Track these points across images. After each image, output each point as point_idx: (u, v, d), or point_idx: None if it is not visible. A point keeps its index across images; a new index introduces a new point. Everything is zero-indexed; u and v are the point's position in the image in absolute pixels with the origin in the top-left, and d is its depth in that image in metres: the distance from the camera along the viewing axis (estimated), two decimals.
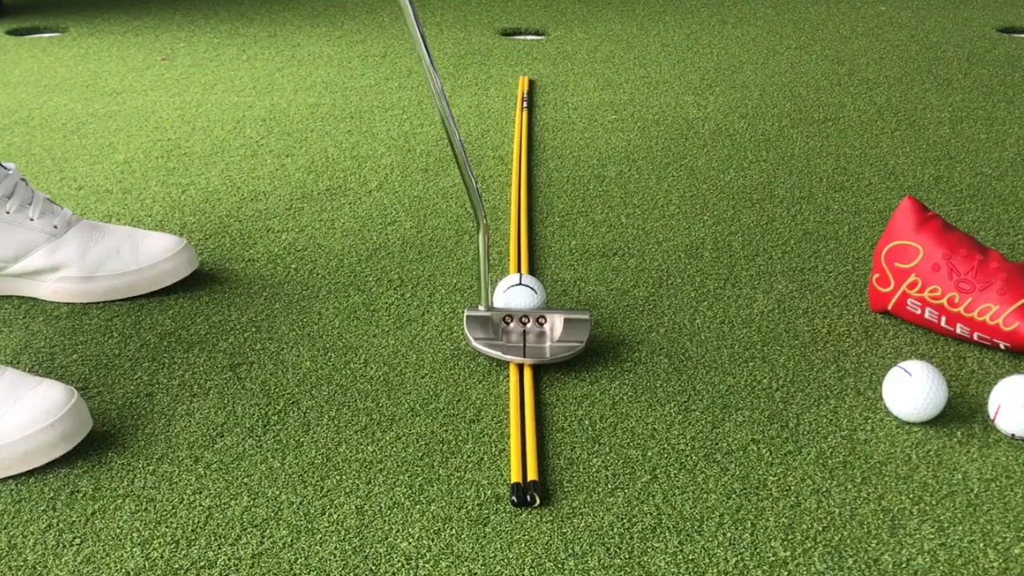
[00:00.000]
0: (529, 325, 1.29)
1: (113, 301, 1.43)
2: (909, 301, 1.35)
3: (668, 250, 1.58)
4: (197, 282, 1.48)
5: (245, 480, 1.09)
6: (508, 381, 1.24)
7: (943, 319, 1.33)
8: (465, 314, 1.30)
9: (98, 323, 1.38)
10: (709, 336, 1.35)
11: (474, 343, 1.27)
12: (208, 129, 2.08)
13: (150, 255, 1.43)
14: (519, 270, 1.50)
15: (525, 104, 2.20)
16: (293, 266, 1.53)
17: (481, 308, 1.30)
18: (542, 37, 2.83)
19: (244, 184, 1.81)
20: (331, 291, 1.46)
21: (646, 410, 1.20)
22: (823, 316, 1.40)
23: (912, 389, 1.16)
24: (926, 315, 1.34)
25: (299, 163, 1.91)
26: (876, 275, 1.38)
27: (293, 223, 1.67)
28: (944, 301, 1.32)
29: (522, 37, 2.84)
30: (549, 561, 0.98)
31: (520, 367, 1.26)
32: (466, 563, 0.98)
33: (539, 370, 1.27)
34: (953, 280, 1.31)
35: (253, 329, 1.37)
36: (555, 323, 1.29)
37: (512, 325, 1.30)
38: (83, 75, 2.43)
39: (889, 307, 1.38)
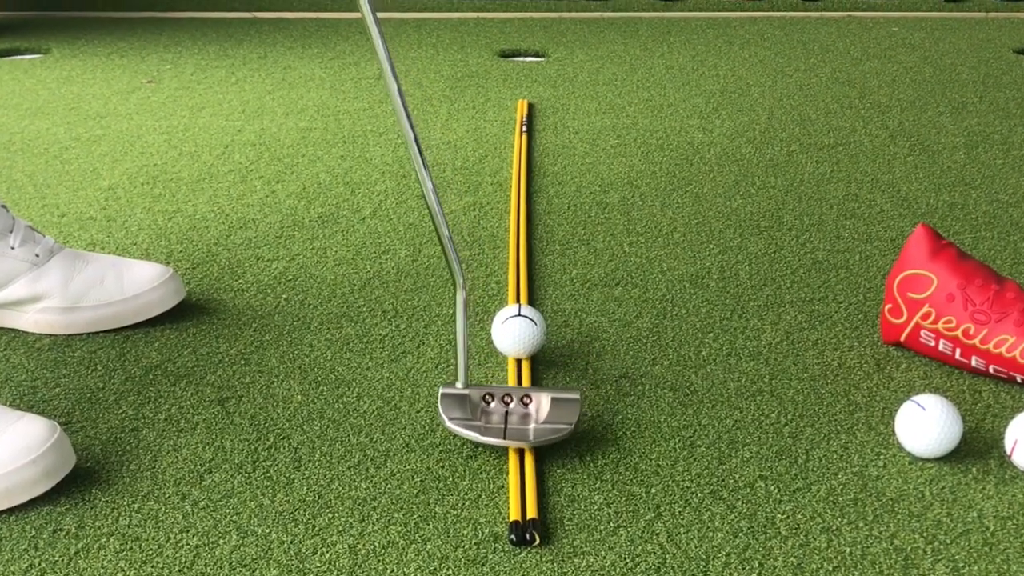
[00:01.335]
0: (512, 405, 1.22)
1: (97, 332, 1.44)
2: (922, 332, 1.36)
3: (672, 279, 1.60)
4: (184, 313, 1.49)
5: (234, 518, 1.10)
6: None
7: (958, 351, 1.34)
8: (440, 392, 1.23)
9: (81, 355, 1.39)
10: (715, 369, 1.37)
11: (448, 424, 1.19)
12: (195, 154, 2.10)
13: (135, 285, 1.45)
14: (518, 300, 1.51)
15: (524, 128, 2.22)
16: (284, 296, 1.55)
17: (458, 385, 1.23)
18: (542, 59, 2.86)
19: (233, 211, 1.83)
20: (323, 322, 1.48)
21: (650, 445, 1.21)
22: (833, 348, 1.41)
23: (926, 424, 1.17)
24: (940, 347, 1.35)
25: (290, 189, 1.93)
26: (888, 305, 1.39)
27: (284, 251, 1.68)
28: (959, 332, 1.33)
29: (521, 59, 2.87)
30: None
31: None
32: None
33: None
34: (968, 311, 1.32)
35: (242, 361, 1.38)
36: (541, 403, 1.22)
37: (493, 405, 1.22)
38: (66, 98, 2.45)
39: (902, 339, 1.39)
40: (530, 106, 2.41)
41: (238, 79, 2.61)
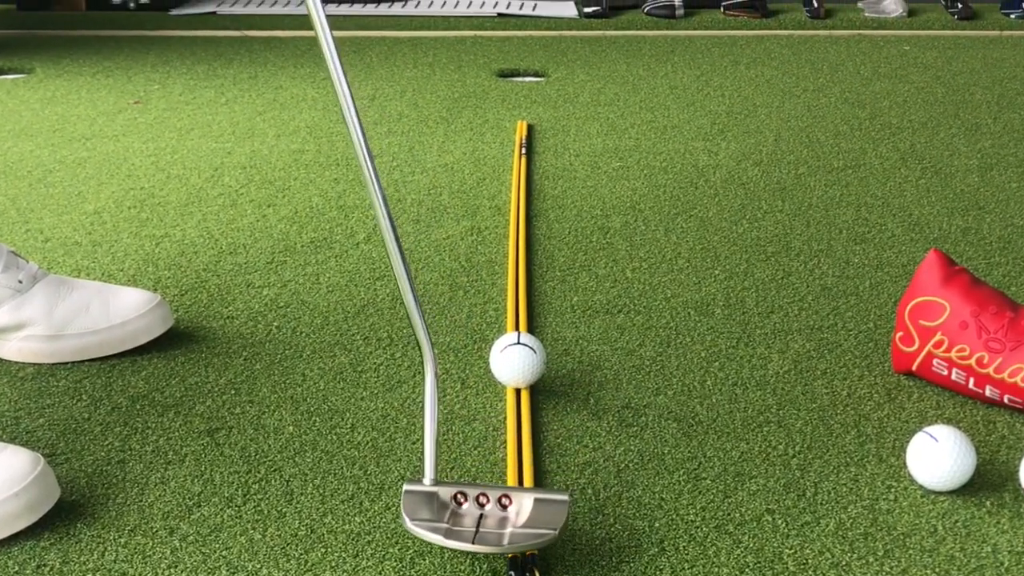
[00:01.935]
0: (488, 507, 1.09)
1: (82, 361, 1.45)
2: (935, 361, 1.37)
3: (677, 307, 1.61)
4: (172, 341, 1.50)
5: (223, 553, 1.10)
6: (506, 448, 1.26)
7: (971, 380, 1.35)
8: (404, 488, 1.10)
9: (66, 385, 1.40)
10: (721, 399, 1.37)
11: (409, 524, 1.06)
12: (184, 177, 2.11)
13: (122, 312, 1.45)
14: (517, 328, 1.52)
15: (524, 150, 2.23)
16: (275, 324, 1.56)
17: (425, 481, 1.10)
18: (542, 79, 2.88)
19: (222, 236, 1.84)
20: (316, 351, 1.49)
21: (653, 478, 1.22)
22: (843, 377, 1.42)
23: (938, 456, 1.17)
24: (953, 376, 1.36)
25: (281, 213, 1.94)
26: (899, 333, 1.40)
27: (275, 278, 1.69)
28: (972, 361, 1.34)
29: (520, 79, 2.89)
30: None
31: (519, 432, 1.28)
32: None
33: (539, 436, 1.29)
34: (982, 339, 1.33)
35: (232, 391, 1.39)
36: (522, 504, 1.09)
37: (466, 506, 1.09)
38: (50, 119, 2.47)
39: (913, 368, 1.40)
40: (530, 127, 2.42)
41: (228, 99, 2.63)
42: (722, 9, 3.56)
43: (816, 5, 3.54)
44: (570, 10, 3.59)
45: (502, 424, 1.31)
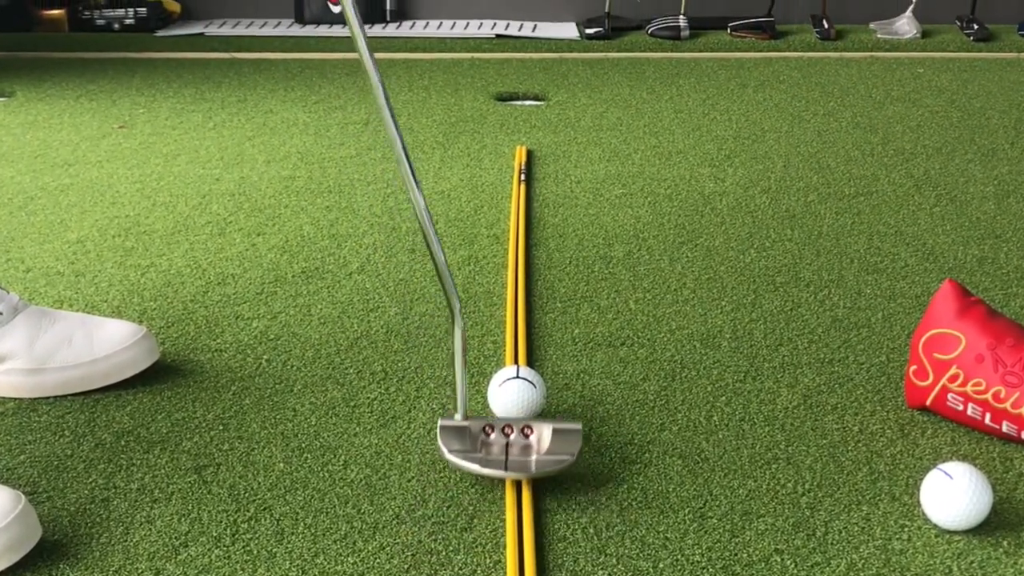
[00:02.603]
0: (513, 436, 1.30)
1: (65, 396, 1.45)
2: (950, 396, 1.38)
3: (682, 339, 1.62)
4: (158, 375, 1.51)
5: None
6: (504, 484, 1.27)
7: (987, 416, 1.35)
8: (439, 424, 1.30)
9: (48, 420, 1.41)
10: (727, 435, 1.38)
11: (448, 455, 1.27)
12: (170, 204, 2.13)
13: (106, 345, 1.46)
14: (516, 361, 1.53)
15: (523, 177, 2.24)
16: (265, 357, 1.56)
17: (457, 416, 1.31)
18: (541, 103, 2.89)
19: (210, 266, 1.85)
20: (307, 385, 1.49)
21: (657, 517, 1.22)
22: (854, 413, 1.43)
23: (953, 494, 1.18)
24: (969, 411, 1.37)
25: (272, 242, 1.95)
26: (913, 367, 1.41)
27: (265, 309, 1.70)
28: (988, 396, 1.34)
29: (519, 103, 2.91)
30: None
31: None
32: None
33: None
34: (999, 372, 1.34)
35: (220, 427, 1.39)
36: (542, 434, 1.29)
37: (493, 436, 1.30)
38: (32, 144, 2.48)
39: (927, 402, 1.40)
40: (529, 153, 2.44)
41: (216, 124, 2.65)
42: (729, 30, 3.59)
43: (827, 26, 3.56)
44: (571, 31, 3.62)
45: None
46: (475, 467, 1.25)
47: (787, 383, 1.50)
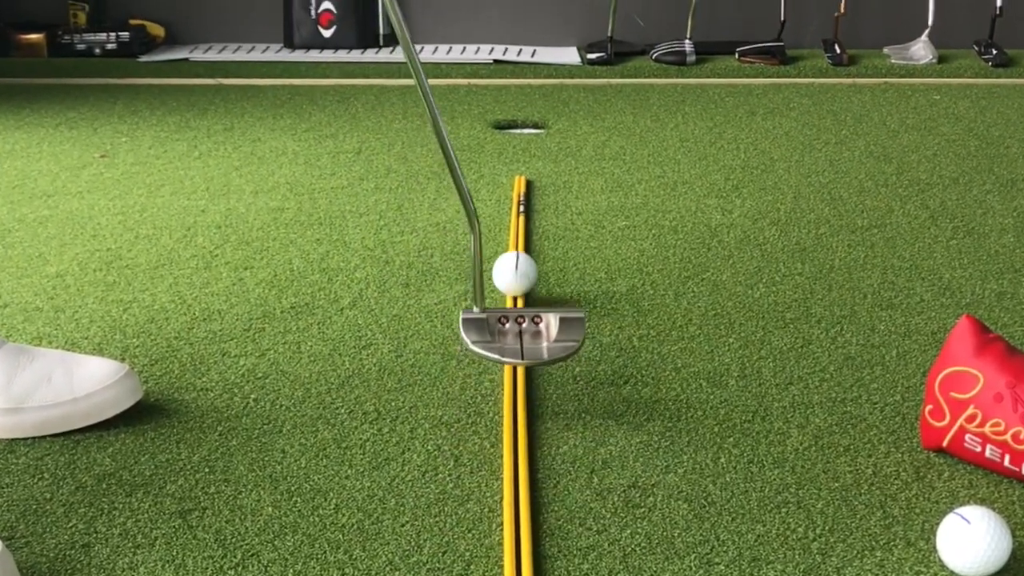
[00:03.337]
0: (525, 325, 1.54)
1: (44, 437, 1.46)
2: (967, 437, 1.38)
3: (687, 377, 1.63)
4: (141, 415, 1.51)
5: None
6: (503, 531, 1.27)
7: (1007, 458, 1.36)
8: (461, 317, 1.55)
9: (26, 462, 1.41)
10: (735, 477, 1.39)
11: (471, 346, 1.51)
12: (154, 237, 2.14)
13: (87, 383, 1.47)
14: (514, 402, 1.53)
15: (521, 208, 2.25)
16: (252, 396, 1.57)
17: (476, 310, 1.55)
18: (541, 131, 2.91)
19: (196, 301, 1.86)
20: (296, 425, 1.50)
21: (662, 563, 1.23)
22: (867, 454, 1.44)
23: (971, 539, 1.18)
24: (987, 453, 1.37)
25: (260, 277, 1.96)
26: (929, 407, 1.42)
27: (253, 346, 1.71)
28: (1008, 437, 1.35)
29: (518, 131, 2.92)
30: None
31: (516, 513, 1.29)
32: None
33: (538, 518, 1.30)
34: (1018, 412, 1.34)
35: (206, 469, 1.40)
36: (551, 322, 1.54)
37: (508, 326, 1.55)
38: (9, 174, 2.49)
39: (944, 444, 1.41)
40: (528, 183, 2.45)
41: (201, 153, 2.66)
42: (737, 55, 3.60)
43: (839, 51, 3.58)
44: (572, 56, 3.63)
45: (498, 505, 1.33)
46: (495, 356, 1.49)
47: (797, 423, 1.51)
